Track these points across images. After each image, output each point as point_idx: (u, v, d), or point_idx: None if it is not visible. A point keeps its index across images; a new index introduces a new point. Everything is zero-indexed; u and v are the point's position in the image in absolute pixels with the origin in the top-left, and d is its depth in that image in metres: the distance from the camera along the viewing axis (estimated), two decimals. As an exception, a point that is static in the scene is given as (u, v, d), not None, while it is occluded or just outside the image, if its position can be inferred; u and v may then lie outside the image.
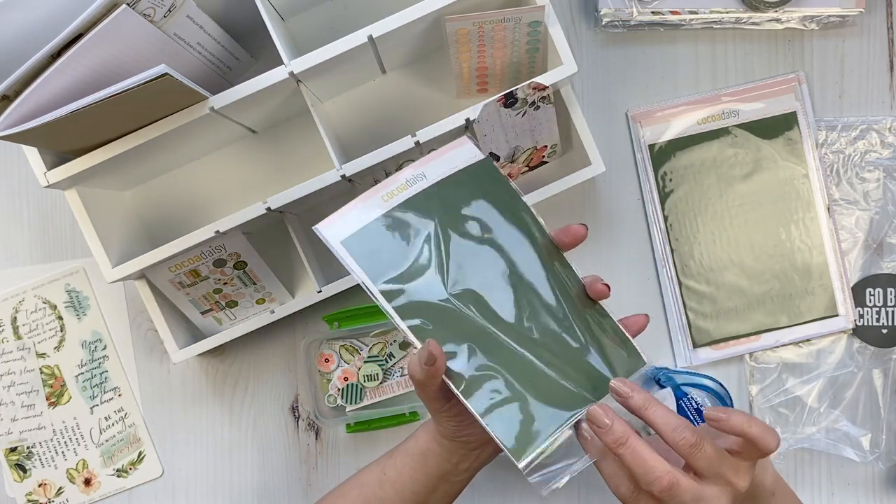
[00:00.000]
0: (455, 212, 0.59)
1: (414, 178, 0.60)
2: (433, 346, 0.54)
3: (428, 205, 0.59)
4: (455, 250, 0.58)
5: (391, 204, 0.59)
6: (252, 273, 0.79)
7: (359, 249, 0.57)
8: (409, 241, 0.58)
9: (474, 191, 0.60)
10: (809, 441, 0.82)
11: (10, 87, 0.60)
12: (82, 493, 0.86)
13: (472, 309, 0.57)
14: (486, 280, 0.58)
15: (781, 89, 0.84)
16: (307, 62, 0.70)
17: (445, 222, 0.59)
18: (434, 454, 0.61)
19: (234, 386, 0.86)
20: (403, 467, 0.62)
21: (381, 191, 0.59)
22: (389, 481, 0.63)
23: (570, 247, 0.59)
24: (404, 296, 0.57)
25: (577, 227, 0.59)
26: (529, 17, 0.72)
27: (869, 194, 0.83)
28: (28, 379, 0.86)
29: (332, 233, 0.58)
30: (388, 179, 0.59)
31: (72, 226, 0.86)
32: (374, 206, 0.59)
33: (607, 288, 0.58)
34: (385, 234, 0.58)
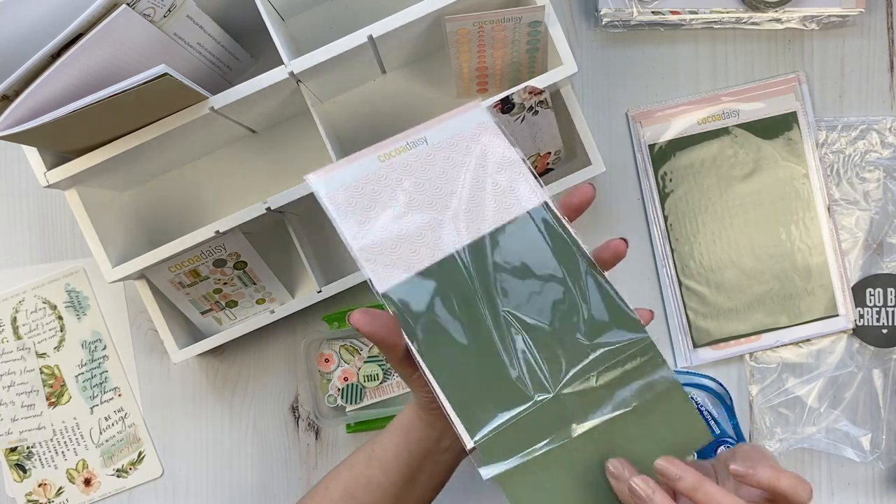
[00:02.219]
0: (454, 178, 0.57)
1: (415, 142, 0.58)
2: (354, 318, 0.53)
3: (425, 168, 0.57)
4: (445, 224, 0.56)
5: (387, 165, 0.57)
6: (252, 273, 0.79)
7: (346, 204, 0.55)
8: (400, 204, 0.56)
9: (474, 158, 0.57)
10: (809, 441, 0.82)
11: (10, 87, 0.60)
12: (82, 493, 0.86)
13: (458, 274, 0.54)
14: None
15: (781, 89, 0.84)
16: (307, 62, 0.70)
17: (440, 189, 0.57)
18: (416, 429, 0.60)
19: (234, 386, 0.86)
20: (389, 444, 0.61)
21: (379, 150, 0.57)
22: (377, 459, 0.62)
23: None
24: (387, 256, 0.55)
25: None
26: (529, 17, 0.72)
27: (869, 194, 0.83)
28: (28, 379, 0.86)
29: (321, 184, 0.56)
30: (387, 140, 0.57)
31: (72, 226, 0.86)
32: (369, 164, 0.57)
33: (624, 242, 0.56)
34: (376, 194, 0.56)
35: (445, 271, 0.55)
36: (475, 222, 0.56)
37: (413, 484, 0.62)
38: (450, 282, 0.55)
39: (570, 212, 0.56)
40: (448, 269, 0.55)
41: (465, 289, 0.55)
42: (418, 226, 0.56)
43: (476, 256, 0.55)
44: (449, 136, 0.58)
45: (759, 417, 0.82)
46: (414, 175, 0.57)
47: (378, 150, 0.57)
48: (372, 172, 0.56)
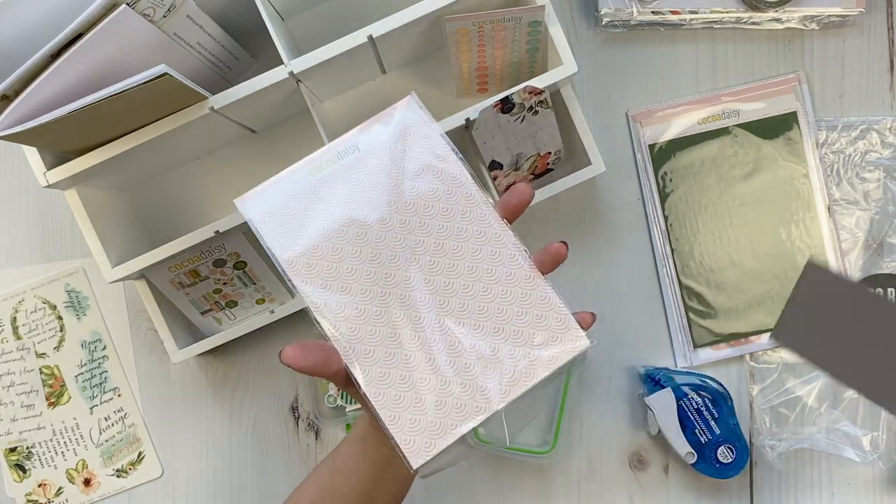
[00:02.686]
0: (389, 188, 0.55)
1: (346, 151, 0.56)
2: (286, 357, 0.51)
3: (359, 179, 0.55)
4: (382, 237, 0.54)
5: (318, 178, 0.55)
6: (252, 273, 0.79)
7: (278, 227, 0.54)
8: (333, 218, 0.54)
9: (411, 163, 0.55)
10: (809, 441, 0.82)
11: (10, 87, 0.60)
12: (82, 493, 0.86)
13: (392, 299, 0.54)
14: (412, 261, 0.54)
15: (781, 89, 0.84)
16: (307, 62, 0.70)
17: (374, 199, 0.55)
18: (371, 437, 0.59)
19: (234, 386, 0.86)
20: (348, 455, 0.61)
21: (310, 164, 0.56)
22: (338, 471, 0.61)
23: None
24: (322, 278, 0.54)
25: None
26: (529, 16, 0.72)
27: (869, 194, 0.83)
28: (28, 379, 0.86)
29: (252, 207, 0.55)
30: (318, 151, 0.56)
31: (72, 226, 0.86)
32: (300, 180, 0.55)
33: (564, 245, 0.54)
34: (307, 211, 0.55)
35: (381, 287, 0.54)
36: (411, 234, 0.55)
37: (377, 491, 0.61)
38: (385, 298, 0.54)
39: (507, 213, 0.54)
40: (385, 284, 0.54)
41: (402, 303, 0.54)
42: (354, 244, 0.54)
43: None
44: (381, 140, 0.56)
45: (760, 417, 0.82)
46: (347, 187, 0.55)
47: (308, 163, 0.55)
48: (303, 189, 0.55)
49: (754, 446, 0.82)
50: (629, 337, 0.84)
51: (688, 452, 0.79)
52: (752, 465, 0.83)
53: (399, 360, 0.53)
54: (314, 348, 0.52)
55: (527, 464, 0.84)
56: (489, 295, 0.54)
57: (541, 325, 0.53)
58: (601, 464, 0.84)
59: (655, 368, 0.82)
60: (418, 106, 0.56)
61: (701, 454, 0.79)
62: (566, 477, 0.84)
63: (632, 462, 0.84)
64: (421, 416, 0.52)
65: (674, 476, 0.83)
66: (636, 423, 0.84)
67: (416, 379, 0.52)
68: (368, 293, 0.54)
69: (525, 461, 0.83)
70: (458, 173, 0.55)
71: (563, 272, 0.84)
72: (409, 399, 0.52)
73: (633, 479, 0.84)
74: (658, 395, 0.79)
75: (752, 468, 0.83)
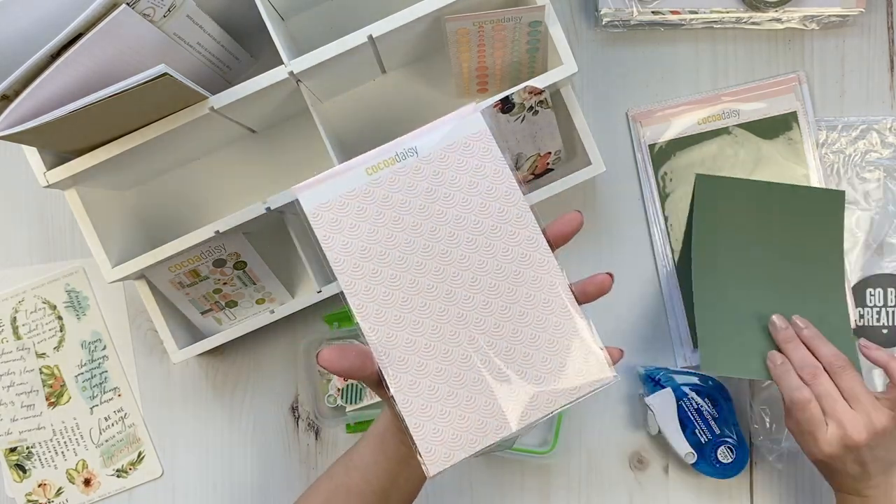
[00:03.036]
0: (442, 198, 0.55)
1: (404, 153, 0.56)
2: (323, 359, 0.53)
3: (413, 185, 0.55)
4: (429, 248, 0.55)
5: (373, 178, 0.55)
6: (252, 273, 0.79)
7: (330, 223, 0.55)
8: (385, 223, 0.55)
9: (465, 175, 0.56)
10: (810, 441, 0.81)
11: (10, 87, 0.60)
12: (82, 493, 0.86)
13: (431, 311, 0.55)
14: (455, 276, 0.55)
15: (782, 89, 0.84)
16: (307, 62, 0.70)
17: (426, 208, 0.55)
18: (391, 435, 0.61)
19: (234, 386, 0.86)
20: (366, 452, 0.62)
21: (367, 162, 0.55)
22: (355, 467, 0.62)
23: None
24: (366, 281, 0.54)
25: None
26: (529, 16, 0.72)
27: (869, 194, 0.83)
28: (28, 379, 0.86)
29: (307, 197, 0.55)
30: (375, 150, 0.55)
31: (72, 226, 0.86)
32: (356, 178, 0.55)
33: (610, 277, 0.55)
34: (361, 212, 0.55)
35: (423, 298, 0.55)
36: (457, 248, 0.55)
37: (392, 489, 0.62)
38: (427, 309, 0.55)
39: (556, 238, 0.55)
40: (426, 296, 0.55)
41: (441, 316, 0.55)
42: (401, 250, 0.55)
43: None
44: (441, 147, 0.56)
45: (760, 417, 0.82)
46: (401, 191, 0.55)
47: (366, 161, 0.55)
48: (359, 187, 0.55)
49: (754, 446, 0.82)
50: (629, 337, 0.84)
51: (688, 452, 0.79)
52: (752, 465, 0.83)
53: (430, 371, 0.54)
54: (351, 352, 0.53)
55: (527, 464, 0.84)
56: (524, 319, 0.55)
57: (569, 355, 0.55)
58: (601, 464, 0.84)
59: (655, 368, 0.82)
60: (482, 116, 0.56)
61: (701, 454, 0.79)
62: (566, 477, 0.84)
63: (632, 462, 0.84)
64: (444, 428, 0.53)
65: (674, 476, 0.83)
66: (636, 423, 0.84)
67: (443, 392, 0.54)
68: (409, 302, 0.55)
69: (525, 461, 0.83)
70: (513, 193, 0.55)
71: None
72: (436, 410, 0.53)
73: (633, 479, 0.84)
74: (658, 395, 0.79)
75: (752, 468, 0.83)
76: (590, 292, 0.55)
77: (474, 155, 0.56)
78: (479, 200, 0.56)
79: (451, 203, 0.56)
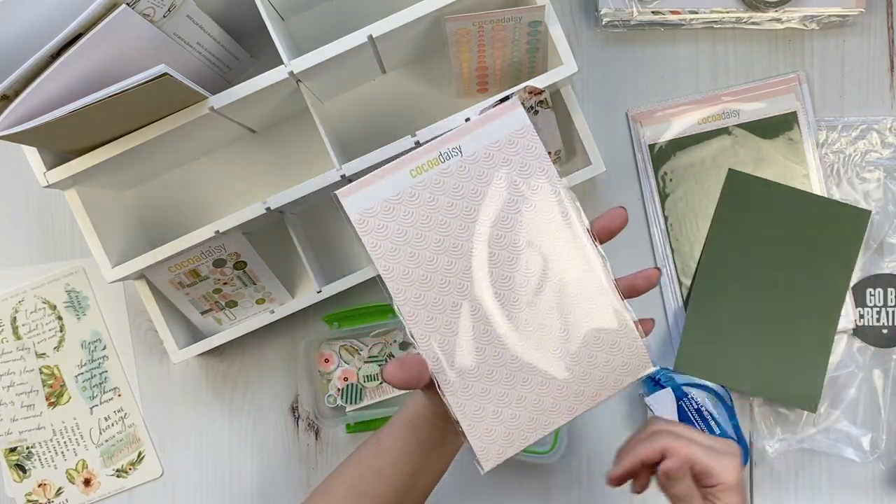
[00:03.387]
0: (488, 198, 0.55)
1: (448, 153, 0.55)
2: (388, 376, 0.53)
3: (459, 186, 0.55)
4: (477, 250, 0.55)
5: (418, 180, 0.54)
6: (252, 273, 0.79)
7: (376, 229, 0.54)
8: (431, 226, 0.54)
9: (511, 173, 0.55)
10: (809, 441, 0.82)
11: (10, 87, 0.60)
12: (82, 493, 0.86)
13: (481, 315, 0.55)
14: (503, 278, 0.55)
15: (782, 89, 0.84)
16: (307, 62, 0.70)
17: (472, 210, 0.55)
18: (425, 421, 0.62)
19: (234, 386, 0.86)
20: (397, 436, 0.63)
21: (411, 163, 0.54)
22: (385, 450, 0.63)
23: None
24: (416, 288, 0.54)
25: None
26: (529, 16, 0.72)
27: (869, 194, 0.83)
28: (28, 379, 0.86)
29: (351, 203, 0.54)
30: (418, 150, 0.54)
31: (72, 226, 0.86)
32: (400, 180, 0.54)
33: (658, 271, 0.56)
34: (407, 216, 0.54)
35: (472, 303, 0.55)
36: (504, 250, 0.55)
37: (421, 472, 0.63)
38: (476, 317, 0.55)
39: (602, 235, 0.56)
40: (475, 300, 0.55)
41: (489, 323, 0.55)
42: (449, 255, 0.55)
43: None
44: (485, 145, 0.55)
45: (760, 417, 0.82)
46: (446, 193, 0.55)
47: (410, 162, 0.54)
48: (403, 190, 0.54)
49: (754, 446, 0.82)
50: (629, 337, 0.84)
51: (688, 452, 0.79)
52: (752, 465, 0.83)
53: (482, 374, 0.55)
54: (410, 364, 0.53)
55: (527, 464, 0.84)
56: (571, 317, 0.55)
57: (614, 350, 0.56)
58: (601, 464, 0.84)
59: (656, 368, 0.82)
60: (522, 112, 0.55)
61: (701, 454, 0.79)
62: (566, 477, 0.84)
63: (632, 462, 0.84)
64: (497, 427, 0.55)
65: (674, 476, 0.83)
66: (636, 423, 0.84)
67: (495, 394, 0.55)
68: (460, 307, 0.55)
69: (525, 461, 0.83)
70: (559, 191, 0.55)
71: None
72: (488, 411, 0.55)
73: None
74: (658, 395, 0.79)
75: (752, 468, 0.83)
76: (639, 286, 0.56)
77: (519, 152, 0.55)
78: (525, 201, 0.55)
79: (497, 203, 0.55)
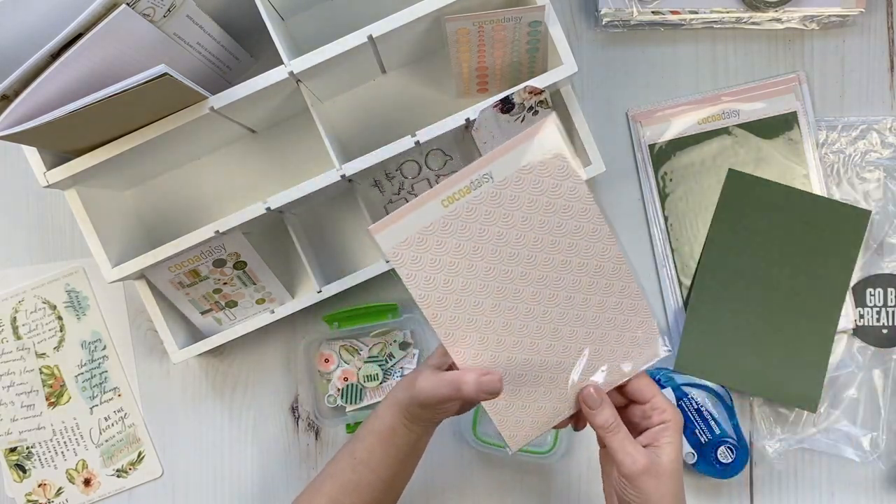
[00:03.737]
0: (519, 222, 0.56)
1: (478, 180, 0.55)
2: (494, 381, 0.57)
3: (490, 212, 0.56)
4: (509, 273, 0.57)
5: (450, 210, 0.55)
6: (252, 273, 0.79)
7: (411, 260, 0.55)
8: (463, 254, 0.56)
9: (542, 196, 0.56)
10: (809, 441, 0.82)
11: (10, 87, 0.60)
12: (82, 493, 0.86)
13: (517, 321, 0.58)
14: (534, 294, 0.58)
15: (782, 89, 0.84)
16: (307, 62, 0.70)
17: (503, 235, 0.56)
18: (401, 430, 0.63)
19: (234, 386, 0.86)
20: (374, 448, 0.64)
21: (442, 193, 0.55)
22: (362, 463, 0.65)
23: None
24: (451, 311, 0.57)
25: None
26: (529, 16, 0.72)
27: (869, 194, 0.83)
28: (28, 379, 0.86)
29: (385, 237, 0.55)
30: (450, 179, 0.55)
31: (72, 226, 0.86)
32: (432, 210, 0.55)
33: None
34: (440, 246, 0.55)
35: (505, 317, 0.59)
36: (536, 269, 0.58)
37: (398, 477, 0.66)
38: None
39: None
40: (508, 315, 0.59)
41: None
42: (482, 279, 0.57)
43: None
44: (515, 170, 0.55)
45: (760, 417, 0.82)
46: (478, 220, 0.55)
47: (441, 192, 0.55)
48: (436, 220, 0.55)
49: (754, 446, 0.82)
50: (629, 337, 0.84)
51: (688, 452, 0.79)
52: (752, 465, 0.83)
53: (512, 378, 0.59)
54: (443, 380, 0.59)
55: (527, 464, 0.84)
56: (596, 322, 0.59)
57: (635, 347, 0.60)
58: (601, 464, 0.84)
59: (655, 368, 0.82)
60: (557, 129, 0.56)
61: (701, 454, 0.79)
62: (566, 477, 0.84)
63: (632, 462, 0.84)
64: (524, 417, 0.60)
65: (674, 476, 0.83)
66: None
67: (524, 393, 0.60)
68: (492, 324, 0.58)
69: (525, 461, 0.83)
70: (588, 210, 0.57)
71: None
72: (517, 406, 0.60)
73: (633, 479, 0.84)
74: (658, 395, 0.79)
75: (752, 468, 0.83)
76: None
77: (551, 174, 0.56)
78: (556, 220, 0.57)
79: (529, 226, 0.57)
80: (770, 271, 0.81)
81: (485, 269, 0.57)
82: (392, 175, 0.78)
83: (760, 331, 0.80)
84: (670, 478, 0.57)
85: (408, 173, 0.78)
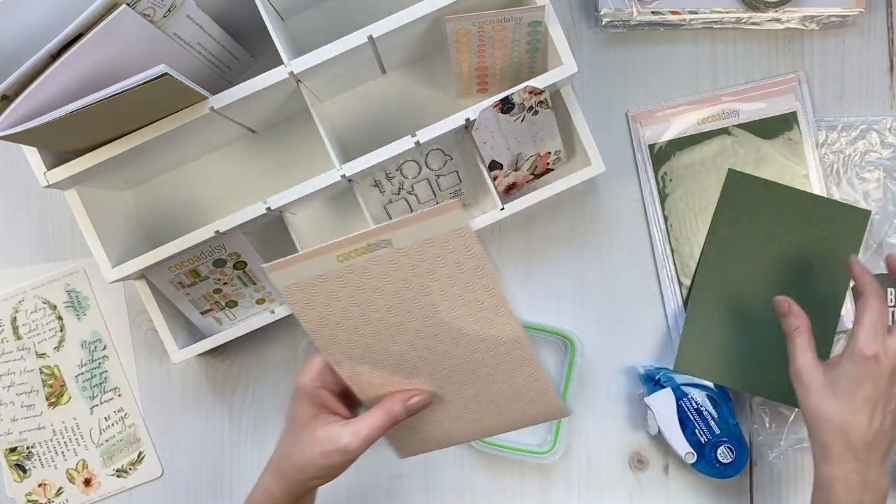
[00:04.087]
0: (417, 286, 0.56)
1: (376, 244, 0.54)
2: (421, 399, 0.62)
3: (388, 274, 0.55)
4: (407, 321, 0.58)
5: (345, 265, 0.55)
6: (252, 273, 0.79)
7: (304, 301, 0.57)
8: (357, 304, 0.57)
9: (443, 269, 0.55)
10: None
11: (10, 87, 0.60)
12: (82, 493, 0.86)
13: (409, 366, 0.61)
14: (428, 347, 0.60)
15: (781, 89, 0.84)
16: (307, 62, 0.70)
17: (402, 294, 0.56)
18: (295, 471, 0.65)
19: (234, 386, 0.86)
20: (275, 492, 0.66)
21: (339, 249, 0.55)
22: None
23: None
24: (341, 347, 0.59)
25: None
26: (529, 17, 0.72)
27: (869, 194, 0.83)
28: (28, 379, 0.86)
29: (279, 277, 0.56)
30: (347, 238, 0.54)
31: (72, 226, 0.86)
32: (327, 263, 0.55)
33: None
34: (333, 294, 0.56)
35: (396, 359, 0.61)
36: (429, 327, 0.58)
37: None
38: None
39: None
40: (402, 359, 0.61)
41: None
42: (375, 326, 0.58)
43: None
44: (418, 241, 0.54)
45: (759, 417, 0.82)
46: (374, 278, 0.55)
47: (336, 248, 0.55)
48: (331, 272, 0.55)
49: (754, 446, 0.82)
50: (629, 337, 0.84)
51: (688, 452, 0.79)
52: (752, 465, 0.83)
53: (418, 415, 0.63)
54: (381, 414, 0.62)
55: (527, 464, 0.84)
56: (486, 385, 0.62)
57: (528, 396, 0.62)
58: (601, 464, 0.84)
59: (655, 368, 0.82)
60: (464, 214, 0.54)
61: (701, 454, 0.79)
62: (566, 477, 0.84)
63: (632, 462, 0.84)
64: (420, 442, 0.67)
65: (674, 476, 0.83)
66: (636, 423, 0.84)
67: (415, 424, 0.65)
68: (382, 364, 0.60)
69: (525, 461, 0.83)
70: (492, 287, 0.56)
71: (562, 272, 0.84)
72: (418, 436, 0.66)
73: (633, 479, 0.84)
74: (658, 395, 0.79)
75: (752, 468, 0.83)
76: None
77: (455, 250, 0.54)
78: (457, 291, 0.56)
79: (427, 292, 0.56)
80: (770, 271, 0.81)
81: (378, 320, 0.57)
82: (392, 175, 0.78)
83: (760, 331, 0.80)
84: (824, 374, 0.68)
85: (408, 173, 0.78)
